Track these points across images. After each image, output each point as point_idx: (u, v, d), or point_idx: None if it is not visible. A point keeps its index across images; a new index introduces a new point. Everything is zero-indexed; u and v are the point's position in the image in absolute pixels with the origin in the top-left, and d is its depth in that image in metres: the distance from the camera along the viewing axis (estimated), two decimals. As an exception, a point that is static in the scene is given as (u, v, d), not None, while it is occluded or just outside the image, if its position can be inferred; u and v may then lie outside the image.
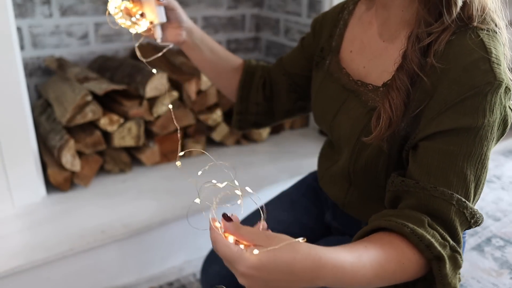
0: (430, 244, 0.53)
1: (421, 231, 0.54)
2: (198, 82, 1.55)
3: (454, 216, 0.56)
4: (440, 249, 0.54)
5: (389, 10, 0.68)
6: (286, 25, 2.01)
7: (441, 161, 0.58)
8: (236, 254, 0.48)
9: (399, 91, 0.62)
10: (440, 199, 0.57)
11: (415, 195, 0.59)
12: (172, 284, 1.30)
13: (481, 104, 0.56)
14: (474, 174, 0.57)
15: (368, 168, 0.69)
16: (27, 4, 1.58)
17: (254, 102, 0.92)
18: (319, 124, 0.83)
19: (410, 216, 0.57)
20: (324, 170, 0.86)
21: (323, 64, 0.82)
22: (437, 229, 0.56)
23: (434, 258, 0.54)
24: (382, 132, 0.63)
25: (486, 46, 0.58)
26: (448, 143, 0.58)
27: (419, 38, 0.61)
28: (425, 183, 0.58)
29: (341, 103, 0.74)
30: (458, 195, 0.57)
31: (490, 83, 0.56)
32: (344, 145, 0.74)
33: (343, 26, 0.80)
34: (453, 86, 0.58)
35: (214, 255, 0.92)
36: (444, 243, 0.55)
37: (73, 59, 1.73)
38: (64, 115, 1.34)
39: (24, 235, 1.18)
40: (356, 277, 0.51)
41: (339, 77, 0.77)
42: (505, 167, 2.06)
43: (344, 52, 0.79)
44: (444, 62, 0.59)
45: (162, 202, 1.35)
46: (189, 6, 1.94)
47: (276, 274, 0.47)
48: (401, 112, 0.62)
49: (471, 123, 0.57)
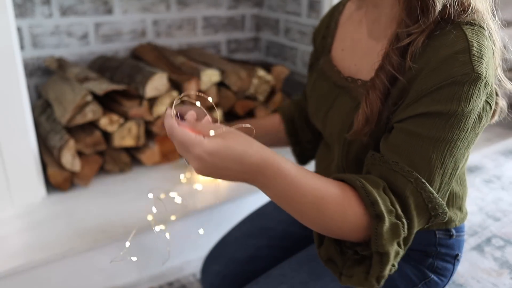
0: (376, 201, 0.54)
1: (371, 188, 0.56)
2: (198, 82, 1.55)
3: (409, 193, 0.56)
4: (384, 210, 0.54)
5: (379, 9, 0.69)
6: (286, 25, 2.01)
7: (407, 141, 0.58)
8: (195, 139, 0.51)
9: (376, 89, 0.63)
10: (399, 174, 0.57)
11: (378, 168, 0.60)
12: (172, 284, 1.30)
13: (456, 93, 0.56)
14: (440, 160, 0.57)
15: (359, 163, 0.70)
16: (27, 4, 1.58)
17: (306, 141, 0.96)
18: (314, 122, 0.85)
19: (369, 178, 0.59)
20: (322, 169, 0.87)
21: (317, 65, 0.84)
22: (390, 196, 0.57)
23: (376, 216, 0.55)
24: (360, 128, 0.64)
25: (469, 39, 0.58)
26: (418, 126, 0.58)
27: (399, 38, 0.62)
28: (388, 158, 0.59)
29: (333, 100, 0.75)
30: (418, 175, 0.57)
31: (468, 74, 0.56)
32: (335, 141, 0.74)
33: (334, 26, 0.82)
34: (430, 76, 0.58)
35: (214, 255, 0.92)
36: (391, 209, 0.55)
37: (73, 59, 1.73)
38: (64, 115, 1.34)
39: (24, 235, 1.18)
40: (293, 190, 0.54)
41: (331, 75, 0.78)
42: (505, 167, 2.06)
43: (335, 51, 0.80)
44: (422, 60, 0.60)
45: (162, 202, 1.34)
46: (189, 6, 1.94)
47: (227, 162, 0.52)
48: (377, 109, 0.63)
49: (443, 109, 0.57)
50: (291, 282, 0.75)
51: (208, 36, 2.05)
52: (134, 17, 1.81)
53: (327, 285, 0.73)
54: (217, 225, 1.35)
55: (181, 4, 1.92)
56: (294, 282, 0.74)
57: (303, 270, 0.76)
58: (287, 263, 0.80)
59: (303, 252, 0.81)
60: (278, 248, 0.90)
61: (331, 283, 0.73)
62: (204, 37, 2.04)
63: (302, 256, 0.80)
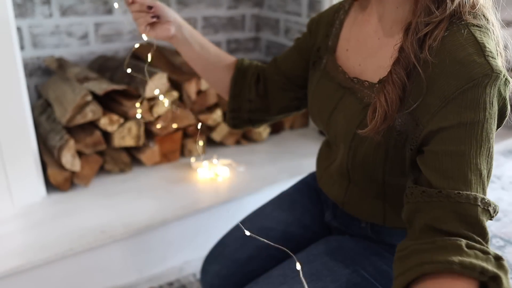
0: (482, 269, 0.52)
1: (468, 259, 0.53)
2: (198, 82, 1.55)
3: (481, 216, 0.56)
4: (491, 268, 0.53)
5: (384, 6, 0.69)
6: (286, 25, 2.01)
7: (455, 163, 0.57)
8: None
9: (395, 85, 0.62)
10: (466, 204, 0.56)
11: (439, 205, 0.58)
12: (172, 284, 1.30)
13: (481, 96, 0.56)
14: (486, 168, 0.58)
15: (366, 163, 0.70)
16: (27, 4, 1.58)
17: (247, 99, 0.92)
18: (315, 123, 0.84)
19: (447, 246, 0.55)
20: (323, 170, 0.86)
21: (320, 64, 0.83)
22: (474, 246, 0.54)
23: (490, 279, 0.53)
24: (378, 125, 0.63)
25: (479, 41, 0.58)
26: (458, 143, 0.58)
27: (416, 29, 0.61)
28: (449, 191, 0.57)
29: (337, 101, 0.75)
30: (481, 195, 0.57)
31: (488, 75, 0.56)
32: (341, 142, 0.74)
33: (339, 25, 0.81)
34: (450, 80, 0.58)
35: (214, 255, 0.92)
36: (488, 258, 0.54)
37: (73, 59, 1.73)
38: (64, 115, 1.34)
39: (24, 235, 1.18)
40: None
41: (335, 76, 0.77)
42: (505, 167, 2.06)
43: (340, 51, 0.79)
44: (438, 57, 0.60)
45: (162, 202, 1.35)
46: (189, 6, 1.94)
47: None
48: (397, 106, 0.62)
49: (473, 117, 0.57)
50: (292, 282, 0.75)
51: (208, 36, 2.05)
52: (134, 17, 1.81)
53: (328, 286, 0.73)
54: (217, 225, 1.35)
55: (181, 4, 1.92)
56: (295, 283, 0.74)
57: (303, 271, 0.76)
58: (287, 263, 0.80)
59: (303, 253, 0.81)
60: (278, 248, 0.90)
61: (332, 284, 0.73)
62: (204, 37, 2.04)
63: (302, 256, 0.80)
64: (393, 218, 0.75)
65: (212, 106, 1.63)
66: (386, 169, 0.68)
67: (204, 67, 0.93)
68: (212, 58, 0.92)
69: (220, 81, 0.94)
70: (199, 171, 1.52)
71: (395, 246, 0.78)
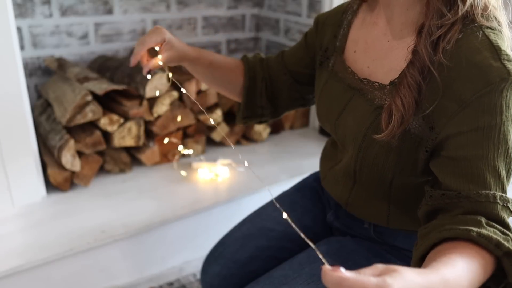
0: (498, 242, 0.53)
1: (486, 232, 0.54)
2: (198, 82, 1.55)
3: (501, 213, 0.57)
4: (508, 245, 0.54)
5: (392, 9, 0.69)
6: (286, 25, 2.01)
7: (474, 167, 0.58)
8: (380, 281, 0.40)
9: (410, 88, 0.62)
10: (486, 202, 0.57)
11: (459, 205, 0.59)
12: (172, 284, 1.30)
13: (498, 100, 0.57)
14: (505, 169, 0.58)
15: (376, 166, 0.69)
16: (27, 4, 1.58)
17: (259, 106, 0.93)
18: (322, 124, 0.83)
19: (467, 220, 0.56)
20: (327, 170, 0.86)
21: (327, 64, 0.82)
22: (494, 225, 0.56)
23: (504, 254, 0.54)
24: (395, 129, 0.63)
25: (494, 44, 0.59)
26: (476, 147, 0.58)
27: (430, 32, 0.61)
28: (468, 192, 0.58)
29: (346, 102, 0.74)
30: (499, 193, 0.57)
31: (505, 79, 0.56)
32: (349, 144, 0.74)
33: (347, 26, 0.80)
34: (467, 84, 0.58)
35: (214, 255, 0.92)
36: (506, 238, 0.55)
37: (73, 59, 1.73)
38: (64, 115, 1.34)
39: (24, 235, 1.18)
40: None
41: (344, 77, 0.77)
42: None
43: (348, 53, 0.79)
44: (453, 60, 0.59)
45: (162, 202, 1.35)
46: (189, 6, 1.94)
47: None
48: (413, 109, 0.62)
49: (490, 121, 0.57)
50: (293, 283, 0.74)
51: (208, 36, 2.05)
52: (134, 17, 1.81)
53: (328, 286, 0.73)
54: (217, 225, 1.35)
55: (181, 4, 1.92)
56: (296, 283, 0.74)
57: (304, 272, 0.76)
58: (288, 264, 0.80)
59: (304, 253, 0.81)
60: (278, 248, 0.90)
61: (332, 284, 0.73)
62: (204, 37, 2.04)
63: (303, 257, 0.79)
64: (397, 219, 0.75)
65: (212, 106, 1.63)
66: (396, 171, 0.68)
67: (217, 85, 0.94)
68: (220, 75, 0.91)
69: (234, 90, 0.94)
70: (199, 171, 1.52)
71: (397, 248, 0.78)
